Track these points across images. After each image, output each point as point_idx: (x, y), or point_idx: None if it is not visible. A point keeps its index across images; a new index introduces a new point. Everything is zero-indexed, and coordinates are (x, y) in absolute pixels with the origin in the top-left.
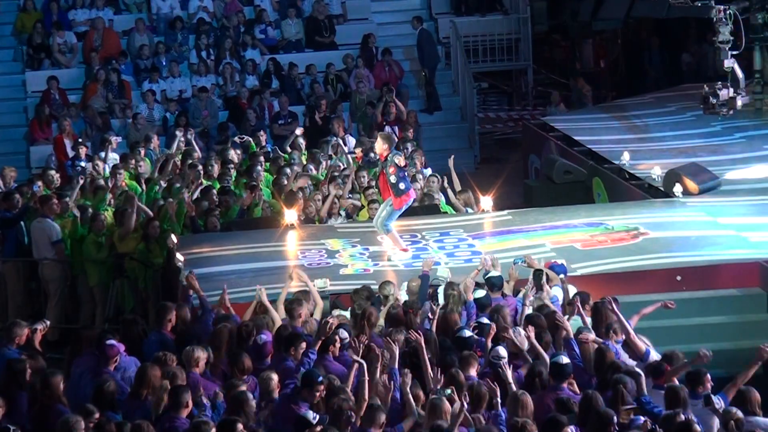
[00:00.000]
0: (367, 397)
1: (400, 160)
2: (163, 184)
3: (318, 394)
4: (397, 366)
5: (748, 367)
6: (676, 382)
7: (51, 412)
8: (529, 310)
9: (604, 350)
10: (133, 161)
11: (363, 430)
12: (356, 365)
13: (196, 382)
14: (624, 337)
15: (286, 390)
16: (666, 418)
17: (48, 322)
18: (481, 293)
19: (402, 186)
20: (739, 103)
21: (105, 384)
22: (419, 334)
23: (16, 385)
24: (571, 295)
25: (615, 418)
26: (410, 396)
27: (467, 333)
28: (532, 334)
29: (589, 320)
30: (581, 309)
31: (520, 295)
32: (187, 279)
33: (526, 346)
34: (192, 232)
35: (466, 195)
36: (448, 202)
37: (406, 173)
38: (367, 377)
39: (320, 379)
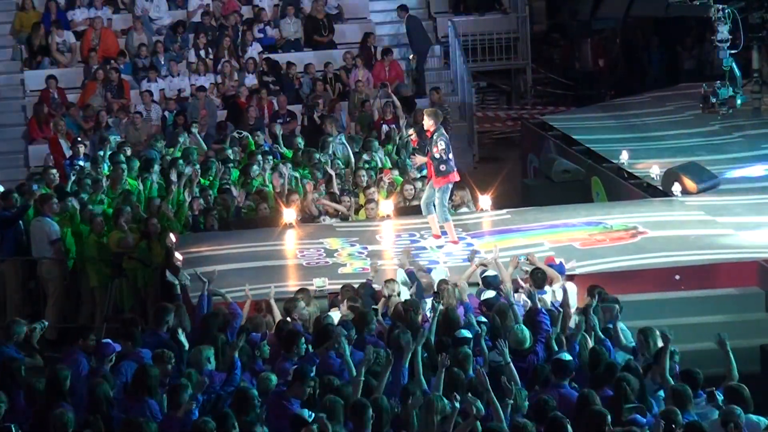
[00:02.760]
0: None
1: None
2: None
3: (309, 389)
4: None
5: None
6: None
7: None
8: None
9: (599, 350)
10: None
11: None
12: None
13: (206, 380)
14: None
15: (278, 388)
16: (668, 417)
17: (46, 323)
18: (490, 293)
19: (443, 168)
20: (739, 102)
21: (98, 386)
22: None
23: (14, 384)
24: (571, 294)
25: (609, 417)
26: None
27: (464, 333)
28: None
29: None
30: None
31: (520, 296)
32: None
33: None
34: (192, 230)
35: (463, 192)
36: None
37: (450, 155)
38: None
39: (312, 374)
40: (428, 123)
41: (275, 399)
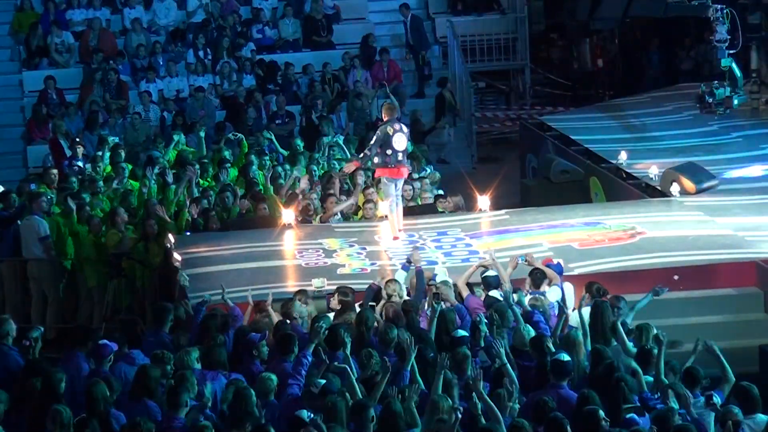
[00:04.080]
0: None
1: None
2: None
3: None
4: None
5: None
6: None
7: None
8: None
9: (600, 350)
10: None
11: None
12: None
13: (199, 377)
14: None
15: (289, 390)
16: (660, 417)
17: (42, 329)
18: (496, 292)
19: (376, 160)
20: (736, 102)
21: (95, 385)
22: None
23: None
24: (569, 293)
25: (604, 416)
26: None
27: (461, 333)
28: None
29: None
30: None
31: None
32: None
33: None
34: (192, 231)
35: (457, 198)
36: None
37: (389, 150)
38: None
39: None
40: (383, 117)
41: (291, 406)
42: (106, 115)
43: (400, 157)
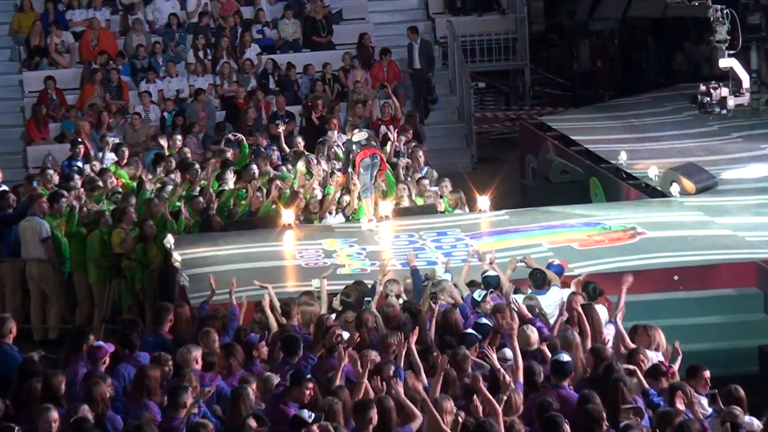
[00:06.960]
0: (358, 396)
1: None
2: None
3: (308, 392)
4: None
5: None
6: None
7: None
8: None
9: (599, 350)
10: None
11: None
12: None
13: (197, 377)
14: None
15: (276, 391)
16: (663, 416)
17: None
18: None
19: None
20: (731, 102)
21: (95, 385)
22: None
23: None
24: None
25: (605, 416)
26: (407, 399)
27: (471, 330)
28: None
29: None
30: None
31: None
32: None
33: (536, 345)
34: (201, 230)
35: (457, 195)
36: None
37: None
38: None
39: (308, 376)
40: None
41: (274, 402)
42: (107, 116)
43: (363, 142)
